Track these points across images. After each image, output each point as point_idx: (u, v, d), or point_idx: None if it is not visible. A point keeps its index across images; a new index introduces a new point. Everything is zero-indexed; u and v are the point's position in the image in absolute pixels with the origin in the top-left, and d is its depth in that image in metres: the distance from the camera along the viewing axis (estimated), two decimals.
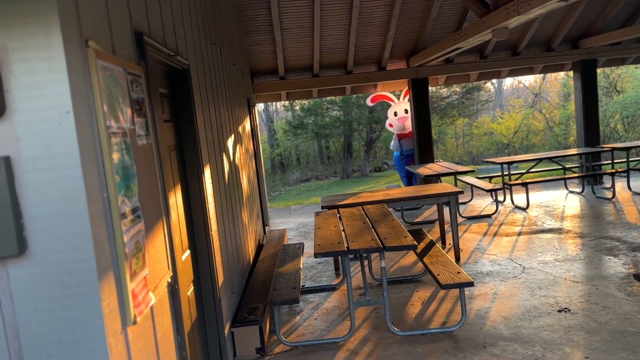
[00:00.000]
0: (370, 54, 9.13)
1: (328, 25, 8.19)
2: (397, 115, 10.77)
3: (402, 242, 3.73)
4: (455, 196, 5.75)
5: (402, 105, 10.76)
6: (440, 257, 4.39)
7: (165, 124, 2.89)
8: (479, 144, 26.15)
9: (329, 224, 4.65)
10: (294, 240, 7.51)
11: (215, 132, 4.15)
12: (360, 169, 23.52)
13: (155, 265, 2.12)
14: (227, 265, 3.97)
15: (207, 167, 3.54)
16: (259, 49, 8.60)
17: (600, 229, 6.43)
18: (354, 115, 21.80)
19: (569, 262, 5.28)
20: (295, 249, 5.11)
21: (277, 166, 26.42)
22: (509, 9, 4.92)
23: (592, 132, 9.53)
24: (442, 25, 8.57)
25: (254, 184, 7.11)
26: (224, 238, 4.00)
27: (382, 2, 7.89)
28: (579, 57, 9.43)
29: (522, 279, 4.93)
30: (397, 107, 10.82)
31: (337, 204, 5.64)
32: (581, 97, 9.57)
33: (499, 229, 6.99)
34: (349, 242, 3.90)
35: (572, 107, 23.48)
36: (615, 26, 8.93)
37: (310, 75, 9.28)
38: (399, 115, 10.74)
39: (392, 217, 4.67)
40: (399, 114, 10.72)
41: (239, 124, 5.99)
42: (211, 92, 4.14)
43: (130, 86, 2.04)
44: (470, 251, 6.07)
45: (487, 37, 6.01)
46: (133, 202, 1.92)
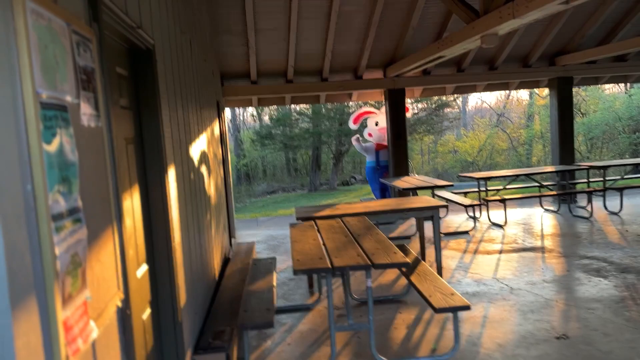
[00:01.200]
0: (346, 61, 8.79)
1: (305, 29, 7.81)
2: (378, 125, 10.46)
3: (392, 259, 3.30)
4: (438, 211, 5.39)
5: (383, 117, 10.48)
6: (429, 275, 3.99)
7: (122, 111, 2.40)
8: (444, 162, 26.32)
9: (307, 236, 4.19)
10: (263, 254, 7.00)
11: (182, 128, 3.65)
12: (328, 182, 23.16)
13: (101, 285, 1.62)
14: (191, 282, 3.45)
15: (171, 166, 3.04)
16: (230, 51, 8.12)
17: (583, 248, 6.20)
18: (324, 127, 21.47)
19: (558, 283, 4.98)
20: (267, 264, 4.62)
21: (242, 177, 25.77)
22: (503, 12, 4.64)
23: (567, 149, 9.44)
24: (421, 35, 8.32)
25: (222, 192, 6.59)
26: (188, 250, 3.48)
27: (362, 8, 7.57)
28: (555, 74, 9.37)
29: (511, 300, 4.59)
30: (378, 117, 10.51)
31: (314, 215, 5.19)
32: (557, 114, 9.49)
33: (479, 247, 6.69)
34: (332, 257, 3.44)
35: (537, 127, 23.91)
36: (592, 44, 8.91)
37: (283, 81, 8.85)
38: (380, 125, 10.44)
39: (377, 230, 4.25)
40: (380, 124, 10.42)
41: (207, 126, 5.48)
42: (179, 84, 3.64)
43: (76, 49, 1.55)
44: (452, 269, 5.71)
45: (474, 45, 5.73)
46: (72, 202, 1.43)
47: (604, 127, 18.88)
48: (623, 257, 5.68)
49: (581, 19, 8.47)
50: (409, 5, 7.61)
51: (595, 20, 8.33)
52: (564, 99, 9.43)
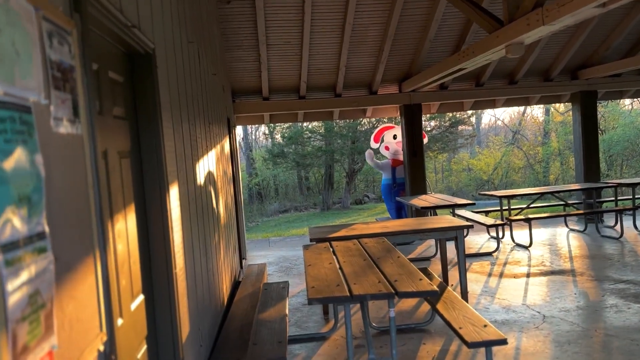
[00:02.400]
0: (361, 76, 8.54)
1: (318, 43, 7.59)
2: (396, 138, 10.16)
3: (418, 287, 2.96)
4: (463, 231, 5.04)
5: (393, 132, 10.21)
6: (456, 304, 3.63)
7: (116, 121, 2.12)
8: (458, 180, 25.91)
9: (322, 260, 3.87)
10: (274, 277, 6.67)
11: (188, 144, 3.38)
12: (341, 200, 22.82)
13: (75, 328, 1.31)
14: (196, 312, 3.13)
15: (174, 184, 2.75)
16: (241, 66, 7.92)
17: (617, 271, 5.78)
18: (337, 145, 21.22)
19: (594, 310, 4.58)
20: (279, 289, 4.30)
21: (254, 196, 25.54)
22: (531, 19, 4.34)
23: (592, 167, 9.03)
24: (438, 48, 8.05)
25: (232, 212, 6.30)
26: (193, 276, 3.17)
27: (377, 20, 7.34)
28: (578, 88, 9.02)
29: (545, 330, 4.19)
30: (397, 131, 10.21)
31: (329, 236, 4.87)
32: (580, 130, 9.11)
33: (504, 269, 6.29)
34: (351, 284, 3.11)
35: (554, 144, 23.43)
36: (617, 57, 8.56)
37: (296, 97, 8.61)
38: (398, 138, 10.14)
39: (398, 253, 3.92)
40: (399, 137, 10.13)
41: (216, 142, 5.22)
42: (185, 95, 3.38)
43: (47, 39, 1.28)
44: (477, 294, 5.33)
45: (498, 55, 5.44)
46: (33, 226, 1.13)
47: (625, 144, 18.36)
48: None
49: (605, 30, 8.16)
50: (425, 18, 7.36)
51: (620, 31, 8.00)
52: (588, 113, 9.06)
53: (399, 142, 10.09)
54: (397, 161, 10.03)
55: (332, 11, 6.97)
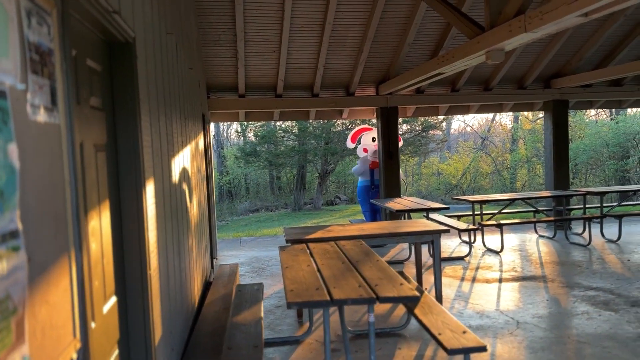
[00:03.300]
0: (339, 76, 8.49)
1: (297, 42, 7.50)
2: (375, 140, 10.14)
3: (400, 292, 2.91)
4: (439, 235, 5.04)
5: (372, 134, 10.21)
6: (434, 308, 3.61)
7: (93, 111, 1.99)
8: (428, 184, 26.21)
9: (299, 262, 3.79)
10: (246, 278, 6.55)
11: (165, 138, 3.25)
12: (312, 201, 22.76)
13: (48, 335, 1.20)
14: (168, 314, 3.01)
15: (150, 181, 2.63)
16: (218, 61, 7.76)
17: (586, 278, 5.89)
18: (310, 145, 21.15)
19: (566, 316, 4.64)
20: (254, 291, 4.19)
21: (225, 194, 25.23)
22: (513, 25, 4.37)
23: (562, 174, 9.23)
24: (417, 52, 8.08)
25: (204, 211, 6.15)
26: (167, 277, 3.05)
27: (357, 22, 7.30)
28: (551, 96, 9.20)
29: (519, 336, 4.22)
30: (375, 133, 10.21)
31: (306, 237, 4.79)
32: (551, 138, 9.30)
33: (477, 274, 6.34)
34: (331, 288, 3.04)
35: (522, 152, 23.95)
36: (589, 68, 8.77)
37: (272, 95, 8.50)
38: (377, 141, 10.13)
39: (377, 256, 3.87)
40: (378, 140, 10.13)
41: (192, 139, 5.08)
42: (162, 88, 3.25)
43: (25, 18, 1.16)
44: (451, 299, 5.34)
45: (478, 61, 5.47)
46: (6, 222, 1.02)
47: (591, 153, 18.89)
48: (630, 289, 5.38)
49: (579, 41, 8.34)
50: (405, 21, 7.36)
51: (593, 43, 8.19)
52: (560, 122, 9.26)
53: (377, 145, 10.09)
54: (376, 163, 10.03)
55: (312, 10, 6.89)
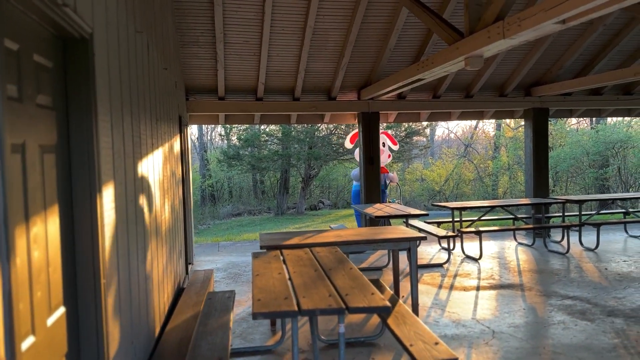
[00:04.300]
0: (320, 81, 8.41)
1: (277, 45, 7.40)
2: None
3: (370, 303, 2.82)
4: (416, 243, 4.97)
5: (381, 138, 10.17)
6: (408, 318, 3.52)
7: (40, 110, 1.87)
8: (412, 189, 26.29)
9: (271, 269, 3.68)
10: (222, 284, 6.41)
11: (130, 140, 3.12)
12: (295, 206, 22.64)
13: None
14: (129, 324, 2.87)
15: (109, 184, 2.50)
16: (197, 63, 7.63)
17: (564, 287, 5.87)
18: (294, 150, 21.05)
19: (542, 326, 4.59)
20: (224, 299, 4.07)
21: (207, 198, 25.00)
22: (492, 32, 4.33)
23: (542, 182, 9.26)
24: (398, 57, 8.04)
25: (179, 215, 6.00)
26: (128, 285, 2.91)
27: (338, 26, 7.24)
28: (531, 104, 9.24)
29: (494, 346, 4.15)
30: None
31: (280, 244, 4.68)
32: (532, 146, 9.33)
33: (455, 281, 6.28)
34: (300, 297, 2.94)
35: (504, 159, 24.14)
36: (569, 76, 8.82)
37: (253, 99, 8.39)
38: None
39: (350, 264, 3.77)
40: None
41: (165, 141, 4.94)
42: (128, 87, 3.12)
43: None
44: (428, 307, 5.26)
45: (457, 67, 5.43)
46: None
47: (571, 161, 19.08)
48: (607, 298, 5.36)
49: (559, 50, 8.38)
50: (386, 26, 7.32)
51: (573, 51, 8.24)
52: (540, 130, 9.29)
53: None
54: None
55: (293, 13, 6.81)
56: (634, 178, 19.27)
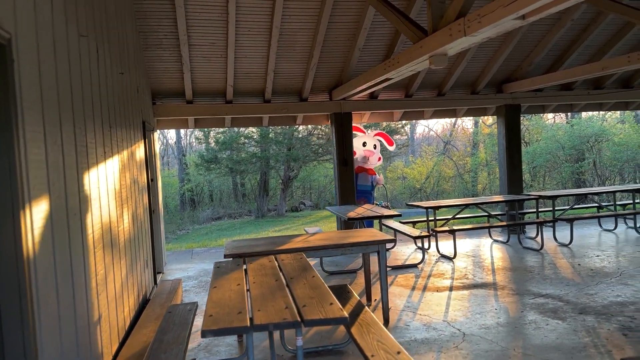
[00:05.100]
0: (290, 82, 8.28)
1: (244, 46, 7.25)
2: (365, 145, 10.01)
3: (327, 314, 2.70)
4: (385, 245, 4.87)
5: (372, 140, 10.09)
6: (372, 327, 3.41)
7: None
8: (393, 188, 26.32)
9: (230, 281, 3.53)
10: (191, 293, 6.24)
11: (72, 150, 2.95)
12: (276, 208, 22.48)
13: None
14: (73, 347, 2.71)
15: (40, 199, 2.34)
16: (162, 66, 7.44)
17: (537, 285, 5.83)
18: (272, 151, 20.88)
19: (513, 327, 4.52)
20: (185, 313, 3.91)
21: (187, 202, 24.68)
22: (453, 29, 4.25)
23: (515, 178, 9.26)
24: (368, 57, 7.95)
25: (144, 224, 5.82)
26: (72, 304, 2.75)
27: (306, 26, 7.12)
28: (503, 101, 9.23)
29: (464, 349, 4.07)
30: (367, 139, 10.11)
31: (245, 252, 4.54)
32: (504, 143, 9.32)
33: (428, 282, 6.20)
34: (255, 310, 2.81)
35: (482, 155, 24.29)
36: (540, 72, 8.83)
37: (223, 101, 8.22)
38: (367, 146, 10.01)
39: (313, 272, 3.65)
40: (368, 146, 9.99)
41: (123, 148, 4.76)
42: (69, 95, 2.96)
43: None
44: (399, 310, 5.17)
45: (423, 66, 5.35)
46: None
47: (547, 156, 19.24)
48: (579, 295, 5.33)
49: (528, 46, 8.38)
50: (354, 26, 7.22)
51: (543, 47, 8.24)
52: (512, 126, 9.29)
53: (367, 151, 9.96)
54: (362, 168, 9.94)
55: (258, 13, 6.67)
56: (609, 171, 19.52)
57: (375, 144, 10.16)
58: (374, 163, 10.19)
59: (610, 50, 8.63)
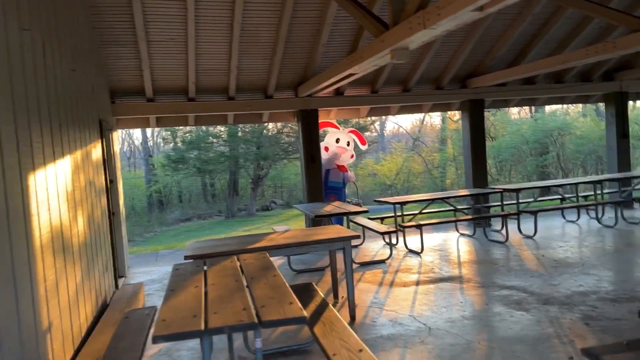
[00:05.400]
0: (255, 79, 8.15)
1: (205, 42, 7.09)
2: (339, 142, 9.90)
3: (286, 314, 2.62)
4: (350, 241, 4.82)
5: (346, 137, 9.98)
6: (336, 325, 3.35)
7: None
8: (364, 185, 26.40)
9: (188, 283, 3.41)
10: (154, 297, 6.06)
11: (13, 151, 2.78)
12: (246, 207, 22.25)
13: None
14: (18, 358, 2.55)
15: None
16: (120, 64, 7.21)
17: (501, 277, 5.88)
18: (241, 150, 20.64)
19: (478, 320, 4.54)
20: (143, 317, 3.77)
21: (155, 204, 24.18)
22: (413, 22, 4.21)
23: (480, 172, 9.36)
24: (333, 53, 7.88)
25: (102, 227, 5.61)
26: (14, 314, 2.59)
27: (268, 21, 7.00)
28: (466, 96, 9.31)
29: (430, 344, 4.05)
30: (341, 135, 9.98)
31: (207, 252, 4.41)
32: (469, 137, 9.41)
33: (395, 278, 6.19)
34: (211, 313, 2.70)
35: (450, 151, 24.59)
36: (502, 66, 8.93)
37: (185, 99, 8.03)
38: (340, 143, 9.89)
39: (275, 271, 3.56)
40: (342, 142, 9.88)
41: (76, 149, 4.57)
42: (9, 93, 2.78)
43: None
44: (366, 307, 5.13)
45: (385, 60, 5.31)
46: None
47: (512, 150, 19.60)
48: (543, 285, 5.40)
49: (491, 41, 8.46)
50: (317, 21, 7.15)
51: (505, 42, 8.33)
52: (476, 121, 9.39)
53: (340, 147, 9.87)
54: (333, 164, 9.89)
55: (218, 7, 6.52)
56: (572, 164, 20.02)
57: (349, 140, 10.08)
58: (347, 160, 10.14)
59: (571, 44, 8.79)
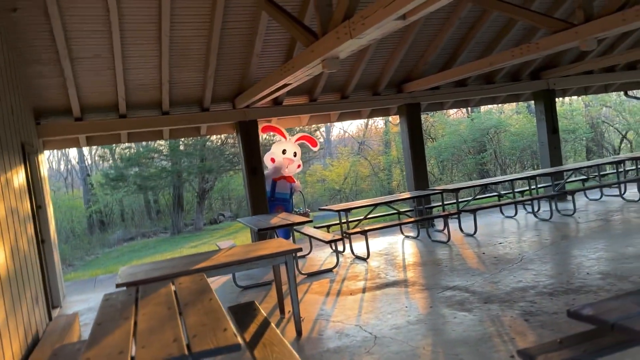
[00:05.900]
0: (189, 92, 7.95)
1: (133, 55, 6.84)
2: (285, 153, 9.70)
3: (219, 342, 2.50)
4: (292, 255, 4.74)
5: (293, 147, 9.78)
6: (277, 346, 3.25)
7: None
8: (313, 191, 26.44)
9: (117, 315, 3.22)
10: (90, 328, 5.73)
11: None
12: (193, 222, 21.73)
13: None
14: None
15: None
16: (44, 83, 6.84)
17: (445, 277, 5.97)
18: (184, 165, 20.15)
19: (423, 324, 4.56)
20: (73, 353, 3.53)
21: (95, 225, 23.18)
22: (340, 32, 4.21)
23: (421, 174, 9.54)
24: (268, 63, 7.81)
25: (30, 256, 5.26)
26: None
27: (198, 33, 6.85)
28: (403, 101, 9.47)
29: (375, 353, 4.03)
30: (288, 145, 9.77)
31: (140, 279, 4.21)
32: (408, 140, 9.58)
33: (342, 286, 6.16)
34: (138, 347, 2.54)
35: (394, 153, 25.04)
36: (435, 71, 9.15)
37: (116, 116, 7.71)
38: (287, 154, 9.70)
39: (211, 294, 3.42)
40: (288, 153, 9.69)
41: None
42: None
43: None
44: (313, 319, 5.06)
45: (317, 70, 5.29)
46: None
47: (452, 149, 20.17)
48: (484, 284, 5.51)
49: (422, 46, 8.65)
50: (249, 32, 7.06)
51: (436, 47, 8.54)
52: (414, 124, 9.57)
53: (287, 159, 9.70)
54: (280, 176, 9.69)
55: (143, 21, 6.31)
56: (509, 160, 20.83)
57: (296, 151, 9.93)
58: (293, 171, 10.03)
59: (497, 46, 9.13)
